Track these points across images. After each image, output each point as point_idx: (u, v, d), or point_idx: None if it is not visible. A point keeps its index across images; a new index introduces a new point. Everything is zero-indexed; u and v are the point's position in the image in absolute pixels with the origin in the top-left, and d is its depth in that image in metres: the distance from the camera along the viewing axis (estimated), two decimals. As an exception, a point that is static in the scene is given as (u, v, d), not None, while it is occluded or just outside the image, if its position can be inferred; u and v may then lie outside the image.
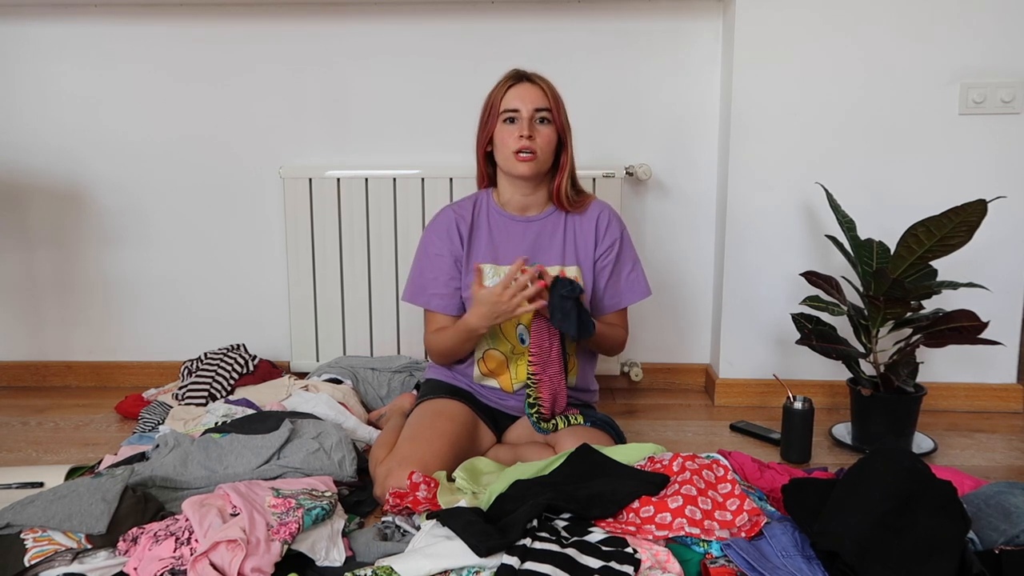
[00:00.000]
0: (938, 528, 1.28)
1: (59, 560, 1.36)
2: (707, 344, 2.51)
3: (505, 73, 1.82)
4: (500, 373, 1.86)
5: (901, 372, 1.95)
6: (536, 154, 1.76)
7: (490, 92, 1.82)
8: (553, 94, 1.79)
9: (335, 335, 2.44)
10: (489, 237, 1.85)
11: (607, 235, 1.87)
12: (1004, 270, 2.23)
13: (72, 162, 2.45)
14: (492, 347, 1.85)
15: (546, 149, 1.78)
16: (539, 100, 1.76)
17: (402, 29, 2.36)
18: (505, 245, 1.85)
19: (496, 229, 1.86)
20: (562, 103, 1.81)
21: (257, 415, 1.92)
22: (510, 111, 1.76)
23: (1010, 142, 2.19)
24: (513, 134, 1.76)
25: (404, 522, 1.51)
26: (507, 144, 1.77)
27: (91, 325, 2.54)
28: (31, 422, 2.24)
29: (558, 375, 1.76)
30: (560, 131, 1.80)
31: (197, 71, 2.40)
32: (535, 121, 1.76)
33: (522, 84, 1.78)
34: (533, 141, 1.75)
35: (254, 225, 2.48)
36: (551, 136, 1.78)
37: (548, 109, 1.77)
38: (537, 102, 1.76)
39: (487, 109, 1.81)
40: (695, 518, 1.40)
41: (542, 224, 1.86)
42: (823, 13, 2.17)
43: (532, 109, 1.75)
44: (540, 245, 1.85)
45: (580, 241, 1.86)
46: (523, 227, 1.86)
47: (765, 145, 2.24)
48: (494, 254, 1.84)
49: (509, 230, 1.86)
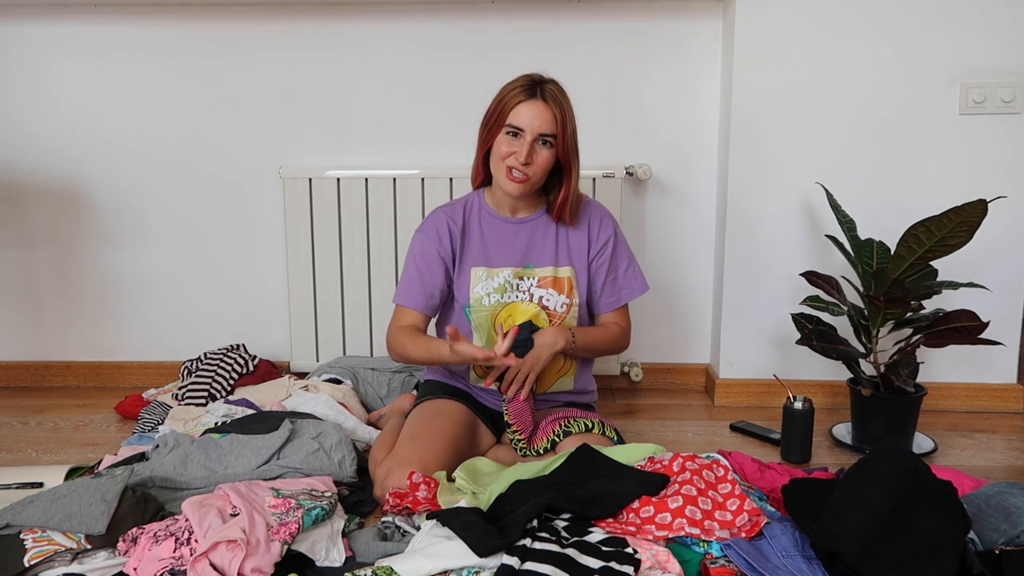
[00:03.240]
0: (938, 528, 1.28)
1: (59, 560, 1.35)
2: (707, 344, 2.51)
3: (520, 77, 1.73)
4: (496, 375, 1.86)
5: (901, 372, 1.95)
6: (528, 178, 1.73)
7: (502, 93, 1.73)
8: (563, 117, 1.70)
9: (335, 335, 2.44)
10: (481, 239, 1.84)
11: (600, 234, 1.85)
12: (1004, 270, 2.23)
13: (72, 162, 2.45)
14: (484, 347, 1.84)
15: (539, 172, 1.74)
16: (546, 125, 1.69)
17: (402, 29, 2.36)
18: (497, 248, 1.83)
19: (488, 231, 1.84)
20: (571, 125, 1.73)
21: (257, 415, 1.92)
22: (514, 127, 1.70)
23: (1010, 142, 2.19)
24: (512, 149, 1.71)
25: (404, 522, 1.51)
26: (503, 158, 1.73)
27: (91, 325, 2.54)
28: (31, 422, 2.24)
29: (525, 409, 1.76)
30: (562, 156, 1.73)
31: (197, 71, 2.40)
32: (537, 143, 1.71)
33: (534, 101, 1.69)
34: (528, 166, 1.71)
35: (254, 225, 2.48)
36: (549, 160, 1.73)
37: (553, 135, 1.70)
38: (544, 127, 1.69)
39: (494, 113, 1.74)
40: (695, 518, 1.40)
41: (534, 225, 1.85)
42: (823, 13, 2.17)
43: (537, 132, 1.69)
44: (532, 246, 1.84)
45: (573, 242, 1.85)
46: (515, 228, 1.84)
47: (765, 145, 2.24)
48: (486, 257, 1.83)
49: (501, 232, 1.84)
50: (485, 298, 1.80)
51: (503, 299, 1.80)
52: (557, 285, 1.82)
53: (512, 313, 1.80)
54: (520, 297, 1.82)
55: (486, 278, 1.81)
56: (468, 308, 1.81)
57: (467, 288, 1.81)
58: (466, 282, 1.81)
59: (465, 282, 1.82)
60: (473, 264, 1.82)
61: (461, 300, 1.82)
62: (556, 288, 1.82)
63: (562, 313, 1.82)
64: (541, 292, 1.83)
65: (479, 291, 1.80)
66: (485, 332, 1.81)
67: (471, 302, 1.81)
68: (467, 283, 1.81)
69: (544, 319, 1.81)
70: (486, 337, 1.81)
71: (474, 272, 1.81)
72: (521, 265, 1.83)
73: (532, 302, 1.82)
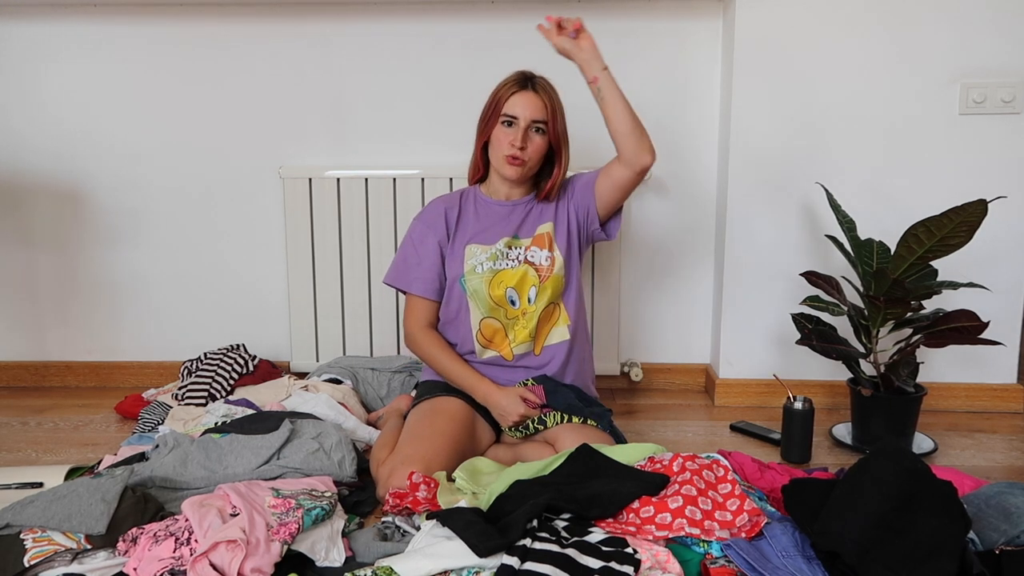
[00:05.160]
0: (938, 528, 1.28)
1: (59, 560, 1.35)
2: (707, 344, 2.51)
3: (513, 73, 1.87)
4: (499, 342, 1.90)
5: (901, 372, 1.95)
6: (525, 162, 1.86)
7: (496, 89, 1.87)
8: (552, 106, 1.85)
9: (335, 335, 2.44)
10: (476, 219, 1.94)
11: (570, 185, 1.96)
12: (1004, 270, 2.23)
13: (72, 162, 2.45)
14: (487, 316, 1.89)
15: (535, 157, 1.87)
16: (538, 112, 1.83)
17: (402, 29, 2.36)
18: (491, 226, 1.93)
19: (482, 213, 1.95)
20: (560, 113, 1.87)
21: (257, 415, 1.92)
22: (509, 116, 1.84)
23: (1010, 142, 2.19)
24: (508, 138, 1.84)
25: (404, 522, 1.51)
26: (501, 147, 1.86)
27: (91, 325, 2.54)
28: (31, 422, 2.24)
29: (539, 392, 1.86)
30: (554, 141, 1.88)
31: (197, 71, 2.39)
32: (531, 130, 1.84)
33: (526, 92, 1.84)
34: (524, 151, 1.84)
35: (254, 225, 2.48)
36: (543, 146, 1.87)
37: (545, 121, 1.84)
38: (536, 114, 1.83)
39: (490, 107, 1.87)
40: (695, 518, 1.40)
41: (524, 207, 1.95)
42: (823, 13, 2.17)
43: (530, 119, 1.83)
44: (523, 223, 1.93)
45: (560, 214, 1.93)
46: (508, 209, 1.94)
47: (765, 145, 2.24)
48: (482, 234, 1.92)
49: (494, 212, 1.94)
50: (478, 266, 1.90)
51: (495, 266, 1.90)
52: (538, 241, 1.91)
53: (502, 280, 1.88)
54: (510, 265, 1.90)
55: (481, 254, 1.90)
56: (463, 278, 1.90)
57: (460, 262, 1.90)
58: (459, 258, 1.90)
59: (459, 258, 1.90)
60: (469, 242, 1.91)
61: (455, 274, 1.90)
62: (538, 244, 1.91)
63: (547, 266, 1.90)
64: (527, 253, 1.91)
65: (472, 262, 1.90)
66: (481, 299, 1.89)
67: (464, 272, 1.90)
68: (460, 258, 1.90)
69: (533, 276, 1.89)
70: (482, 303, 1.88)
71: (468, 249, 1.91)
72: (511, 237, 1.92)
73: (520, 264, 1.90)
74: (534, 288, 1.88)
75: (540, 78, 1.88)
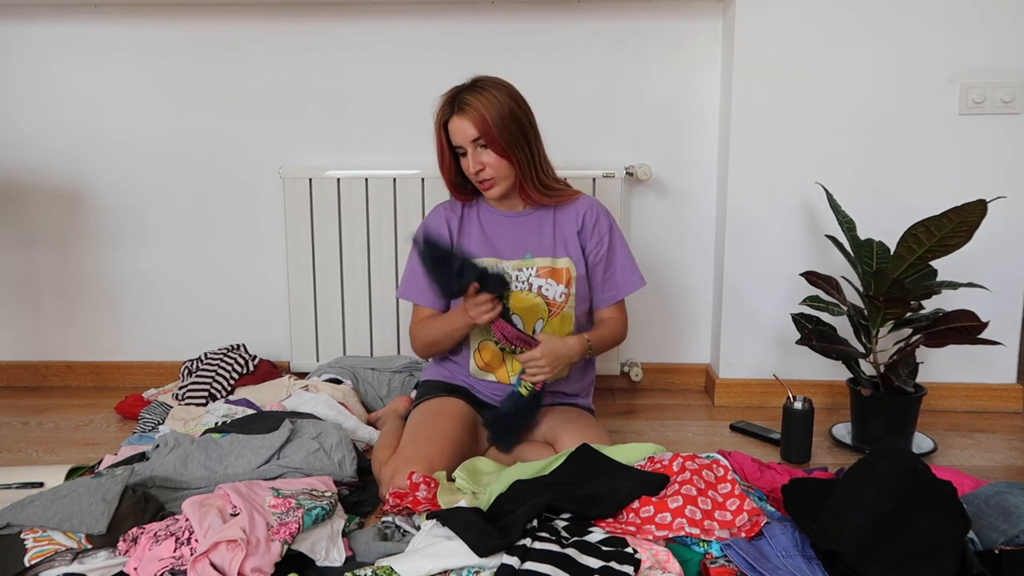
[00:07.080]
0: (938, 528, 1.28)
1: (59, 560, 1.36)
2: (707, 344, 2.51)
3: (441, 98, 1.80)
4: (496, 366, 1.88)
5: (901, 372, 1.95)
6: (493, 179, 1.80)
7: (435, 122, 1.81)
8: (480, 119, 1.74)
9: (335, 335, 2.44)
10: (481, 231, 1.90)
11: (595, 231, 1.89)
12: (1004, 270, 2.23)
13: (72, 162, 2.45)
14: (487, 338, 1.87)
15: (499, 169, 1.79)
16: (469, 132, 1.75)
17: (402, 29, 2.36)
18: (499, 239, 1.89)
19: (487, 224, 1.91)
20: (497, 119, 1.74)
21: (257, 415, 1.93)
22: (454, 146, 1.81)
23: (1010, 142, 2.19)
24: (466, 165, 1.80)
25: (404, 522, 1.51)
26: (469, 174, 1.82)
27: (91, 325, 2.54)
28: (31, 422, 2.24)
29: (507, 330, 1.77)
30: (497, 150, 1.76)
31: (197, 71, 2.40)
32: (477, 148, 1.78)
33: (454, 119, 1.77)
34: (484, 170, 1.79)
35: (254, 225, 2.48)
36: (495, 158, 1.78)
37: (478, 138, 1.76)
38: (469, 134, 1.76)
39: (439, 145, 1.82)
40: (695, 518, 1.40)
41: (530, 218, 1.90)
42: (823, 13, 2.17)
43: (469, 141, 1.77)
44: (530, 238, 1.89)
45: (568, 235, 1.89)
46: (512, 221, 1.90)
47: (765, 145, 2.24)
48: (492, 249, 1.88)
49: (499, 224, 1.90)
50: None
51: None
52: (555, 275, 1.86)
53: (512, 303, 1.83)
54: (519, 287, 1.85)
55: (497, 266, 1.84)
56: None
57: None
58: None
59: None
60: (480, 255, 1.86)
61: None
62: (554, 278, 1.86)
63: (560, 303, 1.85)
64: (540, 282, 1.85)
65: None
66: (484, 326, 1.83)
67: None
68: None
69: (543, 309, 1.84)
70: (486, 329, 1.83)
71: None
72: (520, 256, 1.87)
73: (531, 292, 1.85)
74: (541, 321, 1.85)
75: (465, 90, 1.78)
